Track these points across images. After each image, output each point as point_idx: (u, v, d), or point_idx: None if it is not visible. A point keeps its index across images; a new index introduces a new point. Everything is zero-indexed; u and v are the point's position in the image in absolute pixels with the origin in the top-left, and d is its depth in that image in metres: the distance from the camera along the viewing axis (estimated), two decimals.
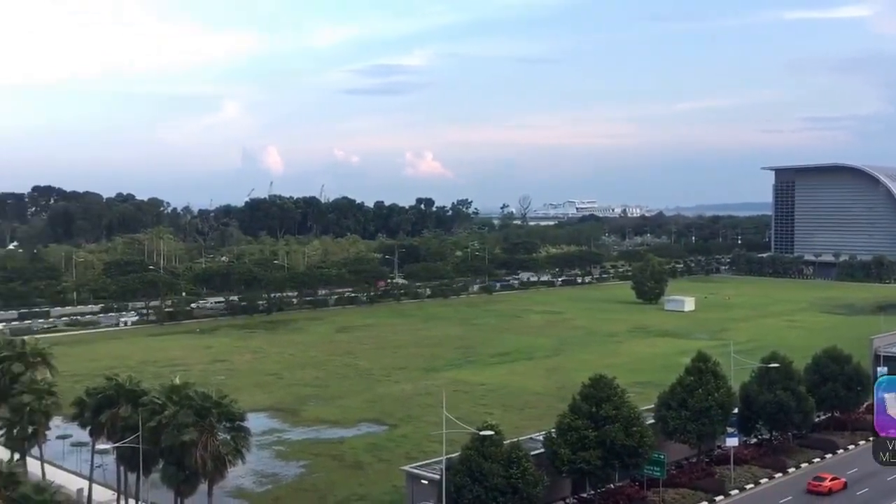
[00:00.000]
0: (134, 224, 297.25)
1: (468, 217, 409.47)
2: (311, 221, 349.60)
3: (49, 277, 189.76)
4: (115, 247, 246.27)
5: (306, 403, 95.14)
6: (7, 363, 68.09)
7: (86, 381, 72.94)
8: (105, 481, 65.88)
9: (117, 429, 57.66)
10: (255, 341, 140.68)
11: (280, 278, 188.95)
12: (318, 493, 66.21)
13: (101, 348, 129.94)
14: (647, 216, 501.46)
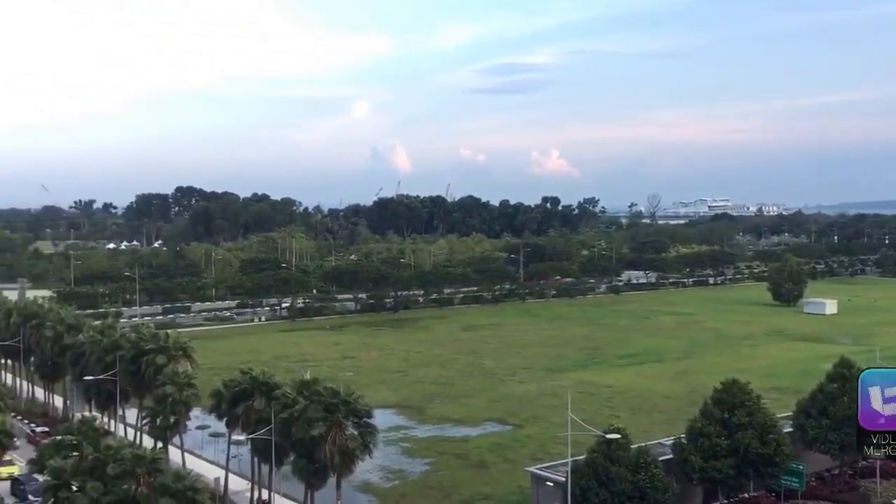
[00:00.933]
0: (268, 223, 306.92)
1: (595, 216, 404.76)
2: (437, 220, 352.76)
3: (190, 274, 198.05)
4: (251, 245, 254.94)
5: (431, 401, 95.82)
6: (152, 355, 71.31)
7: (223, 374, 75.60)
8: (240, 471, 67.99)
9: (251, 421, 59.43)
10: (382, 339, 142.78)
11: (407, 277, 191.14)
12: (443, 491, 66.49)
13: (237, 343, 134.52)
14: (785, 215, 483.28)
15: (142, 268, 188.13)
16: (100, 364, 76.59)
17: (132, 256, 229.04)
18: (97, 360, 77.40)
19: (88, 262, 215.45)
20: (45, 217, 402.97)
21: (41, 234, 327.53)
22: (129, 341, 75.68)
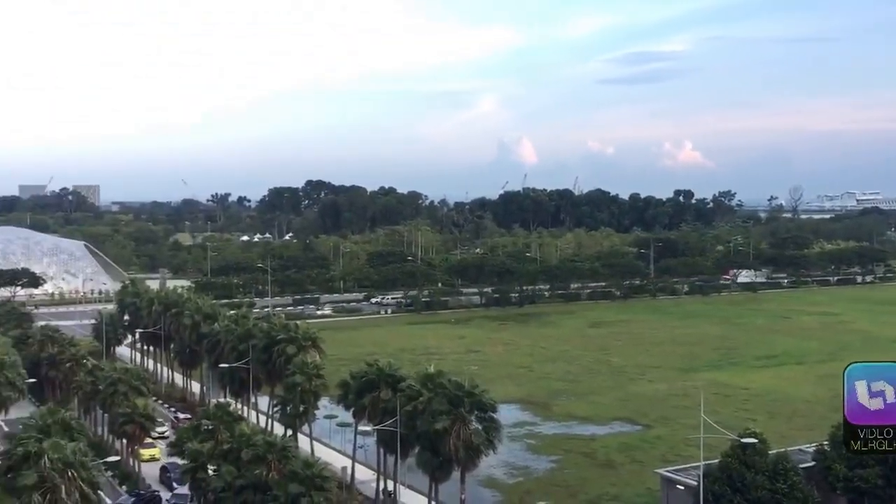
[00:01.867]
0: (395, 216, 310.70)
1: (731, 210, 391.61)
2: (564, 214, 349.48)
3: (319, 266, 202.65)
4: (378, 238, 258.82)
5: (557, 398, 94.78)
6: (282, 345, 73.05)
7: (350, 365, 76.68)
8: (366, 461, 68.86)
9: (377, 412, 60.00)
10: (507, 333, 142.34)
11: (532, 271, 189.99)
12: (569, 490, 65.54)
13: (364, 334, 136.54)
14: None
15: (273, 259, 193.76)
16: (234, 352, 79.05)
17: (264, 248, 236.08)
18: (231, 348, 79.92)
19: (224, 254, 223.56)
20: (184, 210, 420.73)
21: (180, 227, 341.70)
22: (262, 331, 77.77)
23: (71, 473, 43.99)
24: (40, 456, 44.61)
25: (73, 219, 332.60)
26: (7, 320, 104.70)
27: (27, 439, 47.64)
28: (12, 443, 49.68)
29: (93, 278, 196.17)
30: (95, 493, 45.61)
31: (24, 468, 45.43)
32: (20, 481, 44.76)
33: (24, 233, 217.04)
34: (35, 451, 45.51)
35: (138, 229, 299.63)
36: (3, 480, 50.80)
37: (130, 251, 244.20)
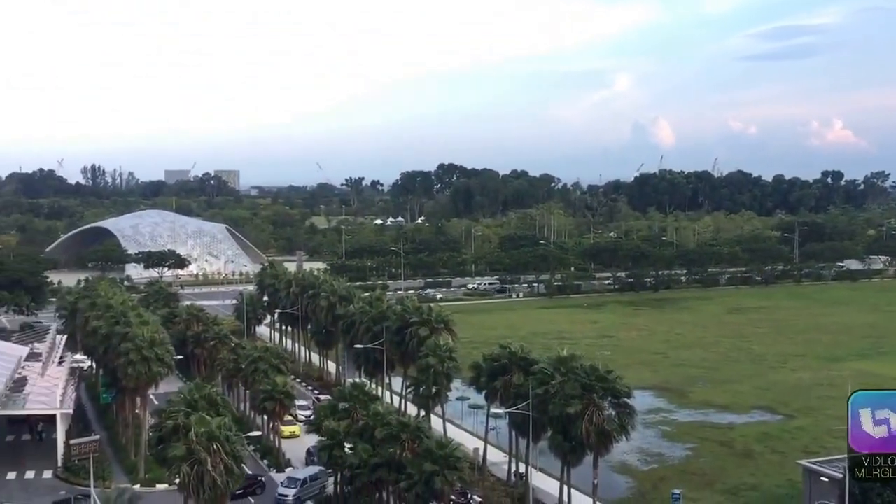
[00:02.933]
0: (527, 199, 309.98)
1: (884, 191, 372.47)
2: (702, 196, 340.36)
3: (451, 249, 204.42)
4: (510, 221, 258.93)
5: (694, 385, 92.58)
6: (415, 327, 73.99)
7: (481, 348, 77.08)
8: (498, 444, 69.12)
9: (509, 395, 60.04)
10: (641, 319, 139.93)
11: (668, 255, 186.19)
12: (705, 478, 64.01)
13: (495, 318, 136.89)
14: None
15: (406, 243, 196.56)
16: (368, 334, 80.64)
17: (397, 232, 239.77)
18: (366, 329, 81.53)
19: (358, 237, 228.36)
20: (319, 194, 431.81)
21: (316, 210, 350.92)
22: (395, 313, 78.96)
23: (216, 446, 45.81)
24: (188, 429, 46.66)
25: (215, 203, 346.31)
26: (156, 300, 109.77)
27: (176, 413, 49.93)
28: (162, 416, 52.19)
29: (234, 260, 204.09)
30: (239, 466, 47.33)
31: (173, 440, 47.72)
32: (170, 452, 47.09)
33: (171, 216, 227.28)
34: (183, 425, 47.67)
35: (276, 213, 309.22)
36: (154, 451, 53.68)
37: (269, 234, 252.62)
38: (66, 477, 62.75)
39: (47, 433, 70.48)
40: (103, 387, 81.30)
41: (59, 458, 64.97)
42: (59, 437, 66.29)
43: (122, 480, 62.33)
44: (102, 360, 79.08)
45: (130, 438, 69.70)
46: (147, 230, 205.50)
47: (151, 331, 68.53)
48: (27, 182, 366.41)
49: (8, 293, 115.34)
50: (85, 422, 77.42)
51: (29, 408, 67.92)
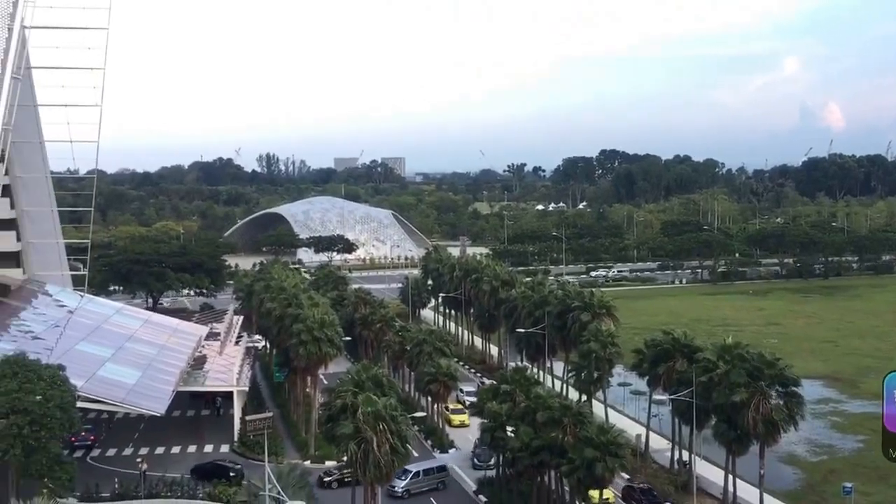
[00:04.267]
0: (690, 185, 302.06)
1: None
2: (874, 181, 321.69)
3: (612, 235, 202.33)
4: (672, 207, 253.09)
5: (866, 375, 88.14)
6: (577, 312, 73.98)
7: (643, 333, 76.15)
8: (660, 431, 68.34)
9: (672, 381, 59.24)
10: (810, 306, 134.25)
11: (839, 242, 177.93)
12: (879, 472, 60.94)
13: (657, 304, 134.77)
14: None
15: (567, 228, 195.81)
16: (530, 318, 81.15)
17: (559, 217, 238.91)
18: (527, 314, 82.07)
19: (520, 222, 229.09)
20: (482, 180, 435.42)
21: (479, 196, 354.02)
22: (557, 298, 79.13)
23: (382, 426, 47.44)
24: (355, 408, 48.53)
25: (381, 189, 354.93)
26: (326, 283, 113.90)
27: (344, 392, 51.99)
28: (331, 396, 54.45)
29: (399, 245, 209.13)
30: (404, 445, 48.75)
31: (341, 419, 49.75)
32: (338, 431, 49.13)
33: (339, 202, 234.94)
34: (351, 404, 49.64)
35: (440, 199, 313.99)
36: (324, 429, 56.07)
37: (433, 219, 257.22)
38: (242, 451, 66.31)
39: (225, 409, 74.80)
40: (276, 366, 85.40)
41: (236, 433, 68.73)
42: (236, 413, 70.09)
43: (293, 456, 65.36)
44: (276, 341, 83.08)
45: (301, 416, 73.02)
46: (317, 216, 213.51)
47: (321, 312, 71.27)
48: (208, 171, 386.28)
49: (190, 275, 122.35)
50: (259, 399, 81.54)
51: (209, 384, 72.24)
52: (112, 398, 58.45)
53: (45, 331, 66.48)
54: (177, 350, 76.41)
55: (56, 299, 77.78)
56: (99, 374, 61.25)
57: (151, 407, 60.13)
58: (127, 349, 71.26)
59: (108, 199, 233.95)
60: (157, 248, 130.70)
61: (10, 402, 44.61)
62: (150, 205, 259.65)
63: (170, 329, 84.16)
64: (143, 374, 65.40)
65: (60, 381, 47.33)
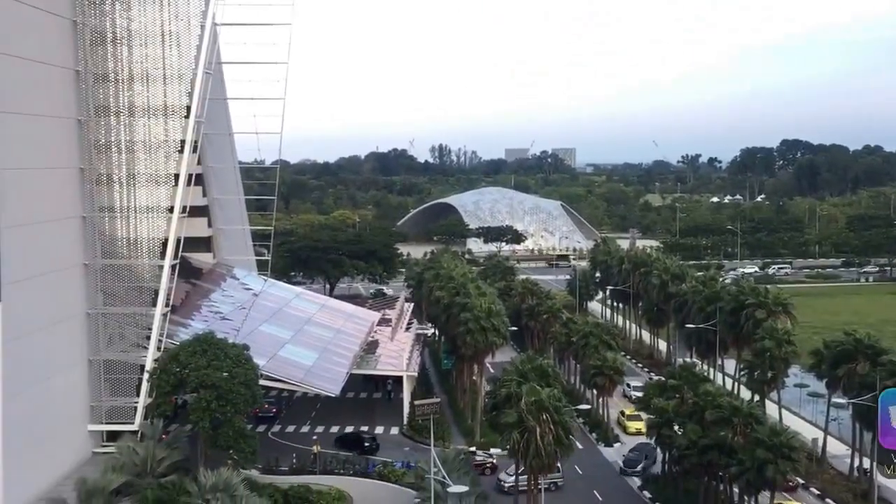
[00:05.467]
0: (880, 177, 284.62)
1: None
2: None
3: (792, 230, 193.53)
4: (860, 200, 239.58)
5: None
6: (751, 309, 71.58)
7: (823, 333, 72.81)
8: (840, 436, 65.30)
9: (853, 384, 56.50)
10: None
11: None
12: None
13: (840, 303, 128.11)
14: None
15: (743, 222, 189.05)
16: (700, 314, 79.18)
17: (734, 210, 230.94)
18: (698, 309, 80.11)
19: (692, 215, 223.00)
20: (654, 171, 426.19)
21: (650, 188, 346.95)
22: (730, 294, 76.83)
23: (545, 416, 47.72)
24: (519, 398, 49.04)
25: (551, 180, 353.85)
26: (494, 273, 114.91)
27: (509, 382, 52.64)
28: (497, 384, 55.19)
29: (567, 236, 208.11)
30: (567, 437, 48.88)
31: (505, 407, 50.42)
32: (502, 419, 49.84)
33: (509, 193, 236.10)
34: (515, 393, 50.19)
35: (610, 190, 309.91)
36: (489, 417, 56.96)
37: (602, 211, 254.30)
38: (411, 434, 68.18)
39: (395, 393, 77.07)
40: (444, 353, 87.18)
41: (405, 416, 70.72)
42: (405, 398, 71.99)
43: (459, 442, 66.60)
44: (444, 328, 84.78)
45: (467, 403, 74.25)
46: (487, 206, 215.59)
47: (489, 302, 72.20)
48: (383, 161, 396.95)
49: (364, 263, 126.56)
50: (427, 385, 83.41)
51: (380, 369, 74.63)
52: (291, 378, 61.53)
53: (232, 312, 70.73)
54: (351, 334, 79.38)
55: (242, 282, 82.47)
56: (279, 354, 64.61)
57: (327, 388, 62.89)
58: (305, 332, 74.68)
59: (291, 188, 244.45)
60: (334, 236, 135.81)
61: (199, 377, 47.86)
62: (329, 194, 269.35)
63: (345, 314, 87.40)
64: (319, 356, 68.39)
65: (245, 360, 50.37)
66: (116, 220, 56.32)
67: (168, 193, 57.06)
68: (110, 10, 56.06)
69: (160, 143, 57.12)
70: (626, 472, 61.80)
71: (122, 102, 56.47)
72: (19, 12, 48.28)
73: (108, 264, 56.23)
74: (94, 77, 55.76)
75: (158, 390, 50.00)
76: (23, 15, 48.74)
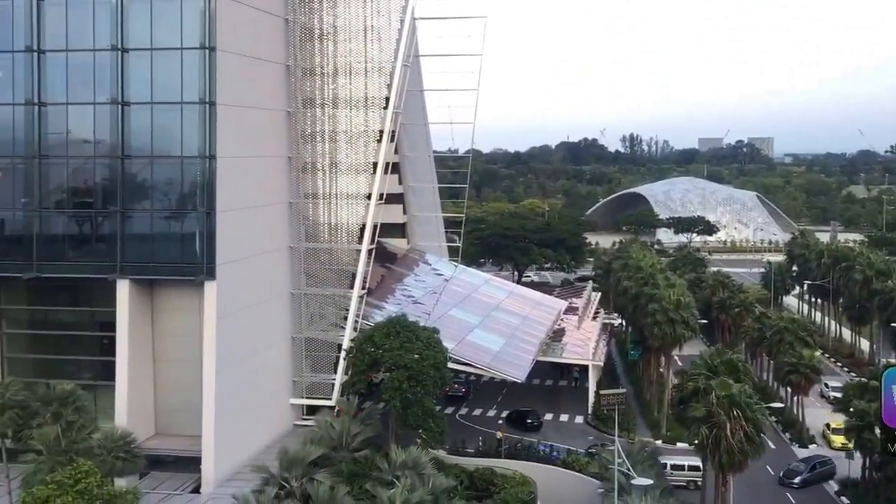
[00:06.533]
0: None
1: None
2: None
3: None
4: None
5: None
6: None
7: None
8: None
9: None
10: None
11: None
12: None
13: None
14: None
15: None
16: None
17: None
18: None
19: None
20: (859, 161, 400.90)
21: (855, 179, 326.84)
22: None
23: (736, 412, 46.70)
24: (708, 392, 48.22)
25: (746, 170, 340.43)
26: (684, 264, 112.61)
27: (697, 376, 51.80)
28: (684, 377, 54.40)
29: (763, 228, 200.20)
30: (759, 434, 47.65)
31: (693, 401, 49.69)
32: (689, 413, 49.15)
33: (701, 183, 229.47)
34: (704, 388, 49.35)
35: (810, 181, 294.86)
36: (675, 410, 56.29)
37: (801, 203, 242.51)
38: (596, 424, 68.23)
39: (580, 381, 77.25)
40: (631, 344, 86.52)
41: (590, 406, 70.83)
42: (591, 387, 72.10)
43: (644, 434, 66.12)
44: (631, 319, 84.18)
45: (654, 395, 73.47)
46: (678, 196, 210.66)
47: (678, 294, 71.14)
48: (573, 150, 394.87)
49: (552, 251, 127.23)
50: (613, 375, 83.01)
51: (566, 356, 74.98)
52: (478, 362, 63.10)
53: (424, 296, 73.21)
54: (538, 321, 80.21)
55: (434, 268, 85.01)
56: (468, 338, 66.34)
57: (513, 373, 64.06)
58: (493, 317, 76.18)
59: (482, 176, 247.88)
60: (523, 225, 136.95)
61: (392, 358, 50.07)
62: (519, 183, 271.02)
63: (532, 301, 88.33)
64: (506, 342, 69.67)
65: (435, 343, 52.20)
66: (319, 206, 59.75)
67: (367, 181, 59.87)
68: (318, 8, 59.42)
69: (360, 133, 59.98)
70: (784, 482, 59.15)
71: (327, 95, 59.75)
72: (242, 13, 52.09)
73: (311, 248, 59.75)
74: (303, 71, 59.28)
75: (354, 368, 52.66)
76: (244, 15, 52.55)
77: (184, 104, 49.12)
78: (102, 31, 49.44)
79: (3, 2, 50.51)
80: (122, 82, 49.48)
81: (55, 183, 51.55)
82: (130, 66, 49.46)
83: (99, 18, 49.50)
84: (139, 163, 50.40)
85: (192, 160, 49.37)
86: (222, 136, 49.01)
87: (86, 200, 51.45)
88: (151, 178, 50.68)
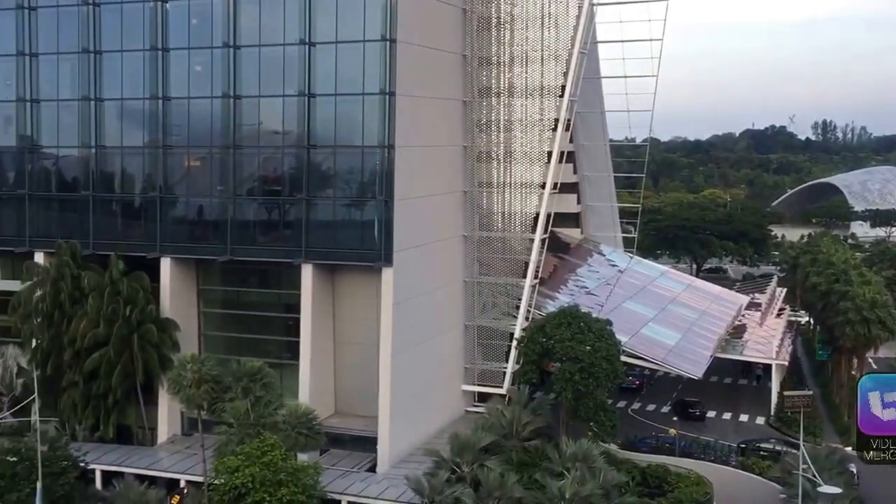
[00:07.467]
0: None
1: None
2: None
3: None
4: None
5: None
6: None
7: None
8: None
9: None
10: None
11: None
12: None
13: None
14: None
15: None
16: None
17: None
18: None
19: None
20: None
21: None
22: None
23: None
24: None
25: None
26: (881, 260, 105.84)
27: None
28: None
29: None
30: None
31: None
32: None
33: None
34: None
35: None
36: None
37: None
38: (778, 426, 65.06)
39: (762, 381, 74.09)
40: (819, 343, 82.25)
41: (772, 407, 67.75)
42: (774, 387, 68.87)
43: (832, 440, 62.51)
44: (820, 317, 80.00)
45: (844, 399, 69.41)
46: (876, 187, 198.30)
47: (873, 291, 67.30)
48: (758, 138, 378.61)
49: (734, 244, 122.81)
50: (799, 375, 79.23)
51: (746, 354, 72.11)
52: (652, 356, 61.79)
53: (597, 287, 72.35)
54: (717, 317, 77.65)
55: (608, 259, 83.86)
56: (642, 332, 65.08)
57: (689, 369, 62.32)
58: (669, 311, 74.37)
59: (660, 165, 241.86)
60: (702, 216, 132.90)
61: (564, 349, 49.78)
62: (699, 172, 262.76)
63: (711, 295, 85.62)
64: (682, 337, 67.85)
65: (608, 335, 51.48)
66: (493, 195, 60.05)
67: (541, 170, 59.64)
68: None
69: (535, 122, 59.77)
70: None
71: (503, 84, 59.83)
72: (421, 4, 53.08)
73: (485, 236, 60.16)
74: (479, 60, 59.65)
75: (525, 358, 52.74)
76: (423, 6, 53.49)
77: (365, 95, 50.51)
78: (292, 26, 51.56)
79: (203, 1, 53.58)
80: (308, 75, 51.45)
81: (247, 172, 54.32)
82: (316, 60, 51.33)
83: (289, 14, 51.64)
84: (323, 152, 52.32)
85: (372, 149, 50.78)
86: (400, 126, 50.07)
87: (274, 188, 53.92)
88: (334, 167, 52.54)
